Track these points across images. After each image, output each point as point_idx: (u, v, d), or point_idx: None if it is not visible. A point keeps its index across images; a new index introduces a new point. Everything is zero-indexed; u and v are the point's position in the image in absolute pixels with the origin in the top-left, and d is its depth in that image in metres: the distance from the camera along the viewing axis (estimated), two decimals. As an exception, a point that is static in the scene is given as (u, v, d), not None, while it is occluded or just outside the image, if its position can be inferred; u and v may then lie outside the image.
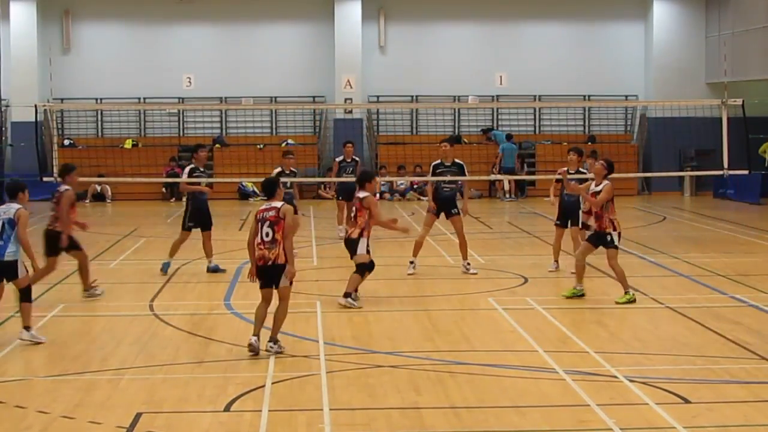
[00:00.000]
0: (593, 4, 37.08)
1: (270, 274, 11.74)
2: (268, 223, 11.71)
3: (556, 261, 17.81)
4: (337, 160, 23.49)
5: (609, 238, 14.99)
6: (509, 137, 35.27)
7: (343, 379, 10.63)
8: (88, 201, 33.90)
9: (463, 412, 9.44)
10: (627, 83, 36.75)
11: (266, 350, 11.54)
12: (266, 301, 11.84)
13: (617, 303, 14.76)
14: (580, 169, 17.77)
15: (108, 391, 10.23)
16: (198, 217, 17.85)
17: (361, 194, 14.79)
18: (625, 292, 14.87)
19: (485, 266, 18.66)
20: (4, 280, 12.67)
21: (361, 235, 14.65)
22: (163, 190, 34.63)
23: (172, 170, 33.93)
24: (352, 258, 14.76)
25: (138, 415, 9.34)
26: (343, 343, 12.34)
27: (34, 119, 24.86)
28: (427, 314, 14.12)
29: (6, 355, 11.85)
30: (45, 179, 23.31)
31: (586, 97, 36.17)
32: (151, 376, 10.90)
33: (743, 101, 21.38)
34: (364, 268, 14.78)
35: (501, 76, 36.68)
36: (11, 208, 12.81)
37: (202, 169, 18.18)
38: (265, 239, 11.67)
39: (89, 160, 32.57)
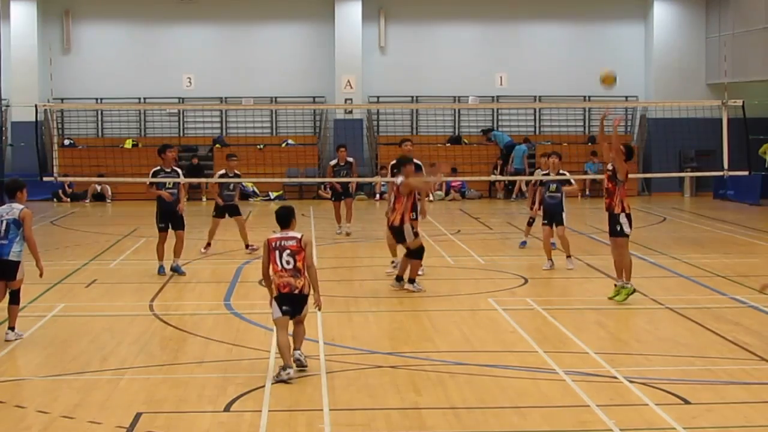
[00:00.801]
0: (593, 5, 37.10)
1: (296, 302, 11.14)
2: (288, 252, 11.13)
3: (550, 259, 18.07)
4: (331, 164, 23.86)
5: (619, 228, 15.04)
6: (526, 140, 35.36)
7: (343, 379, 10.63)
8: (88, 201, 33.93)
9: (462, 412, 9.44)
10: (627, 84, 36.67)
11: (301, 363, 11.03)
12: (285, 329, 11.11)
13: (610, 298, 14.98)
14: (560, 171, 18.51)
15: (108, 391, 10.23)
16: (167, 218, 17.75)
17: (398, 180, 15.56)
18: (623, 286, 14.91)
19: (485, 267, 18.67)
20: (5, 281, 12.67)
21: (402, 221, 15.39)
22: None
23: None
24: (402, 243, 15.64)
25: (138, 415, 9.34)
26: (343, 343, 12.34)
27: (34, 119, 24.84)
28: (427, 315, 14.13)
29: (5, 355, 11.84)
30: (45, 179, 23.35)
31: (586, 98, 36.17)
32: (151, 376, 10.90)
33: (743, 102, 21.37)
34: (421, 251, 15.56)
35: (501, 77, 36.70)
36: (14, 209, 12.81)
37: (168, 170, 17.98)
38: (287, 267, 11.09)
39: (89, 160, 32.60)
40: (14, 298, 12.67)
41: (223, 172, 21.08)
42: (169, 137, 36.34)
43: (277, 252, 11.16)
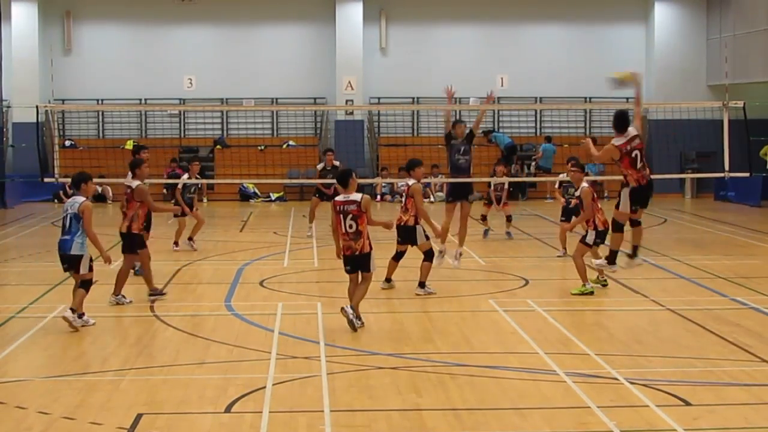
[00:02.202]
0: (594, 6, 37.11)
1: (357, 263, 12.96)
2: (350, 216, 12.74)
3: (564, 248, 19.16)
4: (318, 167, 23.93)
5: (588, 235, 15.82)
6: (549, 139, 35.41)
7: (344, 380, 10.63)
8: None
9: (463, 413, 9.44)
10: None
11: (348, 318, 12.85)
12: (354, 282, 13.12)
13: (572, 293, 15.52)
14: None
15: (109, 392, 10.23)
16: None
17: (410, 181, 15.53)
18: (583, 284, 15.55)
19: (486, 268, 18.68)
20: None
21: (416, 222, 15.28)
22: (164, 191, 34.60)
23: (173, 171, 33.89)
24: (411, 245, 15.48)
25: (139, 416, 9.34)
26: (343, 344, 12.34)
27: (35, 120, 24.90)
28: (428, 316, 14.13)
29: (7, 355, 11.85)
30: (46, 180, 23.37)
31: (587, 99, 36.19)
32: (151, 377, 10.90)
33: (744, 103, 21.40)
34: (432, 254, 15.52)
35: (502, 78, 36.70)
36: (76, 202, 13.00)
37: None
38: (349, 231, 12.78)
39: (90, 161, 32.55)
40: (84, 286, 13.16)
41: (186, 176, 21.91)
42: (170, 138, 36.44)
43: (341, 216, 12.79)
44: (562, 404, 9.76)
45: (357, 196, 12.84)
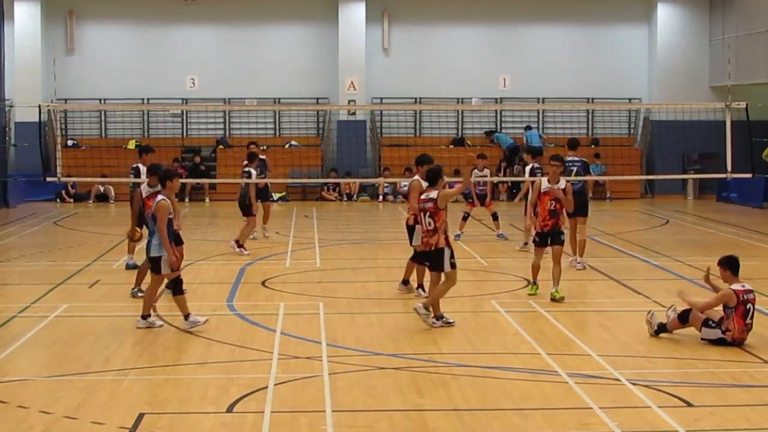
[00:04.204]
0: (597, 7, 37.09)
1: (433, 258, 13.29)
2: (428, 213, 13.16)
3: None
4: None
5: (562, 237, 15.56)
6: (528, 128, 35.47)
7: (346, 380, 10.64)
8: (91, 201, 33.95)
9: (465, 414, 9.45)
10: (630, 86, 36.76)
11: (428, 322, 13.03)
12: (435, 282, 13.45)
13: (529, 294, 15.54)
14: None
15: (111, 391, 10.24)
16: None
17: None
18: (533, 284, 15.57)
19: (488, 269, 18.67)
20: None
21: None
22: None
23: (175, 171, 33.93)
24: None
25: (140, 416, 9.35)
26: (345, 344, 12.34)
27: (37, 119, 24.91)
28: (430, 316, 14.10)
29: (8, 355, 11.86)
30: (48, 179, 23.37)
31: (590, 100, 36.17)
32: (153, 376, 10.91)
33: (747, 105, 21.38)
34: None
35: (505, 79, 36.70)
36: (155, 201, 12.99)
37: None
38: (428, 228, 13.20)
39: (92, 161, 32.61)
40: (174, 289, 13.23)
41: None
42: (172, 138, 36.45)
43: (422, 213, 13.25)
44: (564, 405, 9.76)
45: (434, 193, 13.21)
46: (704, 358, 11.66)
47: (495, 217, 23.01)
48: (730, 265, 12.48)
